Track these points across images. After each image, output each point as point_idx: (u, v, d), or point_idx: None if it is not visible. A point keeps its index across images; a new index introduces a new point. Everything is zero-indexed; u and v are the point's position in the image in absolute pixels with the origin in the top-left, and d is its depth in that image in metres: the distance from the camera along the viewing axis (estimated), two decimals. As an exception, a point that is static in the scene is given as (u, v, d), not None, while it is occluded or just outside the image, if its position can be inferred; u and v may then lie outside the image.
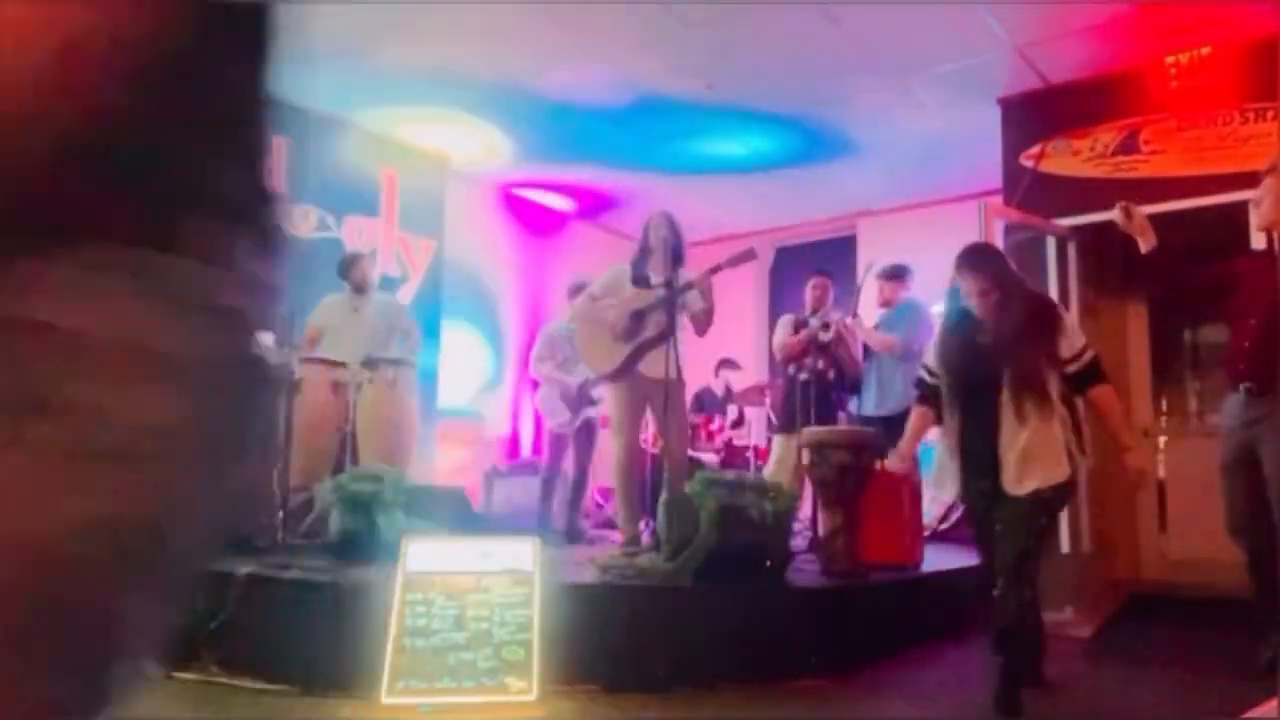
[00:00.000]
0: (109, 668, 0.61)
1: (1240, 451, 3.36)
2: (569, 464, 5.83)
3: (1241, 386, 3.38)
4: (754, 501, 3.60)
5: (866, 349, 5.50)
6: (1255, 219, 3.47)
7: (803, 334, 5.30)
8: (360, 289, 5.57)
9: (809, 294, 5.51)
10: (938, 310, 7.42)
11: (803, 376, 5.26)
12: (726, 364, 7.32)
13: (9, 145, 0.52)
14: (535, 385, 6.22)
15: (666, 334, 4.32)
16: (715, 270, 4.34)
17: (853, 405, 5.60)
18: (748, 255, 4.39)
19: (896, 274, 5.72)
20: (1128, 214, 3.44)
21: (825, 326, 5.12)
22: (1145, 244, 3.44)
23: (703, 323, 4.50)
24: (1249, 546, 3.35)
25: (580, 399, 5.67)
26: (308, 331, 5.43)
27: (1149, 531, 6.05)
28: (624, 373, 4.47)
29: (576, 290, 5.88)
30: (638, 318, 4.45)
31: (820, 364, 5.19)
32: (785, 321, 5.55)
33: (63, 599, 0.55)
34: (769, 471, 5.52)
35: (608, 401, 4.65)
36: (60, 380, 0.55)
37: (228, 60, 0.65)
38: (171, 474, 0.59)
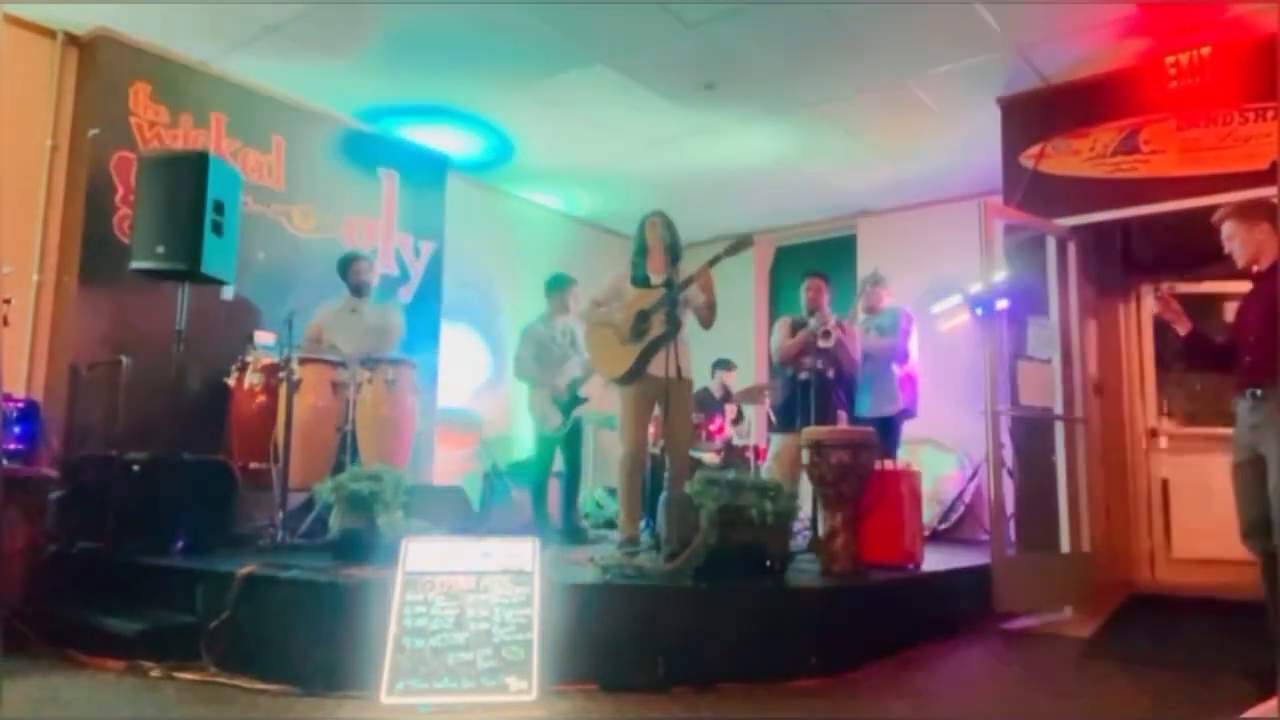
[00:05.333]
0: None
1: (1249, 454, 3.37)
2: (559, 465, 5.81)
3: (1248, 391, 3.39)
4: (754, 501, 3.59)
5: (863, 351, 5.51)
6: (1237, 258, 3.52)
7: (801, 335, 5.29)
8: (359, 290, 5.57)
9: (804, 295, 5.52)
10: (937, 309, 7.50)
11: (803, 376, 5.26)
12: (722, 365, 7.33)
13: None
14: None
15: (670, 333, 4.32)
16: (714, 262, 4.34)
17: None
18: (744, 243, 4.38)
19: (878, 281, 5.76)
20: (1166, 304, 3.58)
21: (826, 334, 5.11)
22: (1182, 328, 3.58)
23: (707, 316, 4.51)
24: (1262, 550, 3.35)
25: (570, 400, 5.63)
26: (309, 332, 5.43)
27: (1149, 531, 6.05)
28: (634, 375, 4.48)
29: (552, 286, 5.87)
30: (643, 319, 4.45)
31: (819, 364, 5.18)
32: (783, 323, 5.54)
33: None
34: (766, 468, 5.52)
35: (619, 403, 4.64)
36: None
37: None
38: None
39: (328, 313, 5.52)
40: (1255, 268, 3.47)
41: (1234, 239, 3.49)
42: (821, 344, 5.12)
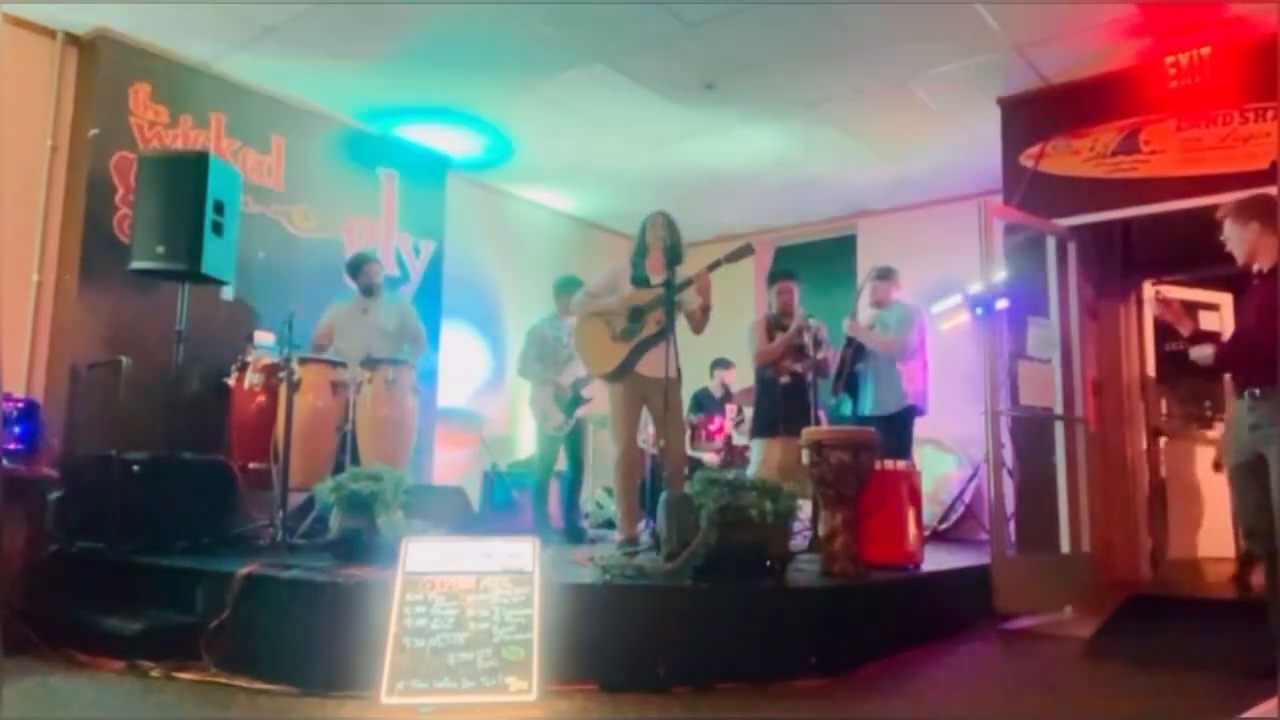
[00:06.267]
0: None
1: (1248, 454, 3.36)
2: (562, 464, 5.81)
3: (1246, 390, 3.38)
4: (754, 501, 3.59)
5: (862, 349, 5.49)
6: (1236, 255, 3.51)
7: (783, 339, 5.26)
8: (369, 291, 5.57)
9: (775, 297, 5.44)
10: (936, 309, 7.49)
11: (783, 380, 5.24)
12: (721, 364, 7.32)
13: None
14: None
15: (665, 332, 4.31)
16: (713, 267, 4.33)
17: (845, 407, 5.59)
18: (745, 251, 4.39)
19: (888, 275, 5.72)
20: (1166, 304, 3.62)
21: (818, 344, 5.09)
22: (1185, 330, 3.59)
23: (700, 320, 4.49)
24: (1264, 549, 3.35)
25: (573, 400, 5.63)
26: (319, 334, 5.43)
27: (1149, 531, 6.05)
28: (623, 372, 4.47)
29: (561, 287, 5.87)
30: (637, 316, 4.45)
31: (799, 367, 5.17)
32: (758, 324, 5.48)
33: None
34: (752, 475, 5.49)
35: (606, 401, 4.64)
36: None
37: None
38: None
39: (337, 313, 5.52)
40: (1255, 266, 3.46)
41: (1236, 235, 3.47)
42: (820, 354, 5.11)
